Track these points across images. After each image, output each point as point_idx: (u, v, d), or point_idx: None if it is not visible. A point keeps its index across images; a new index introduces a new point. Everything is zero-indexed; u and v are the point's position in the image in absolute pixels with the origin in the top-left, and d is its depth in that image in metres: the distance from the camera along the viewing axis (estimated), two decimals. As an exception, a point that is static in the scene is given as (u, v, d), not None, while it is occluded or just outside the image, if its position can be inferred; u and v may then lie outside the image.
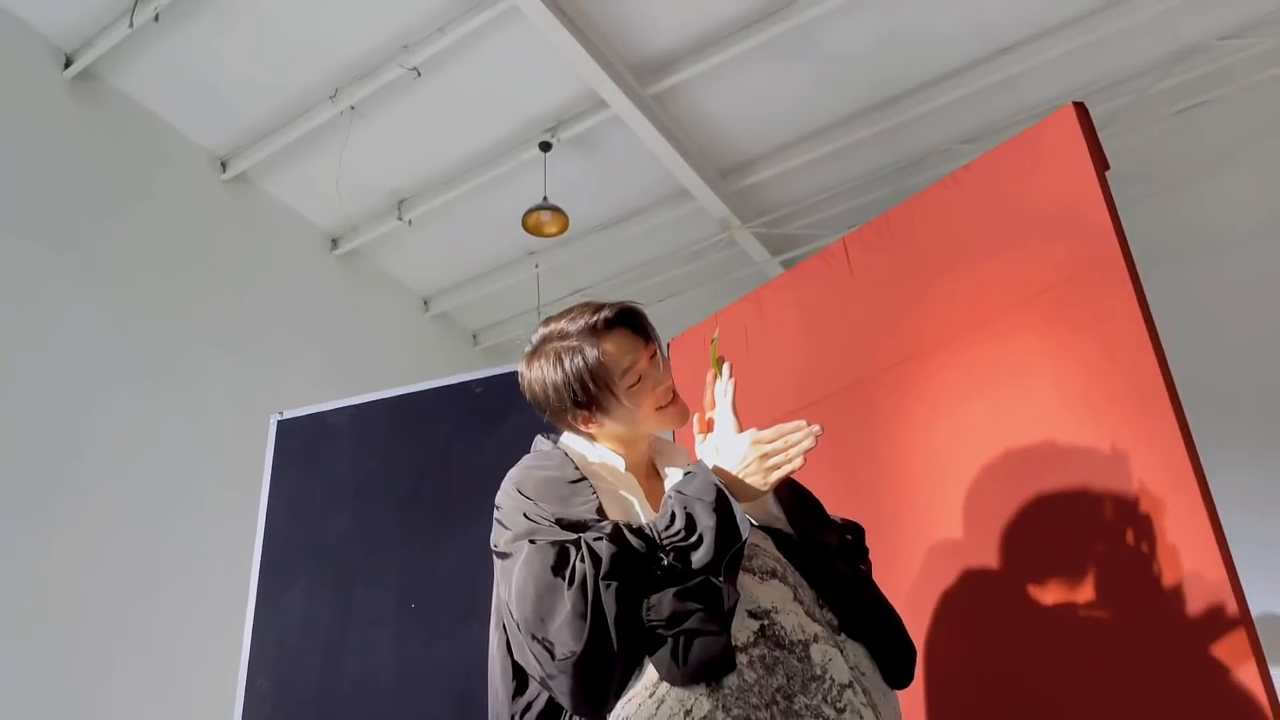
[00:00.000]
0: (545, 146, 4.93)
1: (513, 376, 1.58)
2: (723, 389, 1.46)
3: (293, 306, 5.19)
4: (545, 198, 4.94)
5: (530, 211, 4.89)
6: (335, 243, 5.66)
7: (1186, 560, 1.54)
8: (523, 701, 1.35)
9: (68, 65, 4.32)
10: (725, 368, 1.48)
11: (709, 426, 1.48)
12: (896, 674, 1.38)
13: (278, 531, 2.65)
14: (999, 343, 1.92)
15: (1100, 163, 1.82)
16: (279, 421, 2.76)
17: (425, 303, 6.28)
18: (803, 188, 5.36)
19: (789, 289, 2.39)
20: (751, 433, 1.35)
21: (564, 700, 1.25)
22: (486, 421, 2.48)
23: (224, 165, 5.04)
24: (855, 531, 1.50)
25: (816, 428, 1.31)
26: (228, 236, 4.95)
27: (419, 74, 4.48)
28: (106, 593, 3.76)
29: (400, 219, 5.40)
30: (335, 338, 5.34)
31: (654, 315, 1.53)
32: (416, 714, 2.33)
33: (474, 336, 6.65)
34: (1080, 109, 1.85)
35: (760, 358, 2.35)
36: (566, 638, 1.20)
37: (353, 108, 4.71)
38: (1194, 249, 4.69)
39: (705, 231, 5.58)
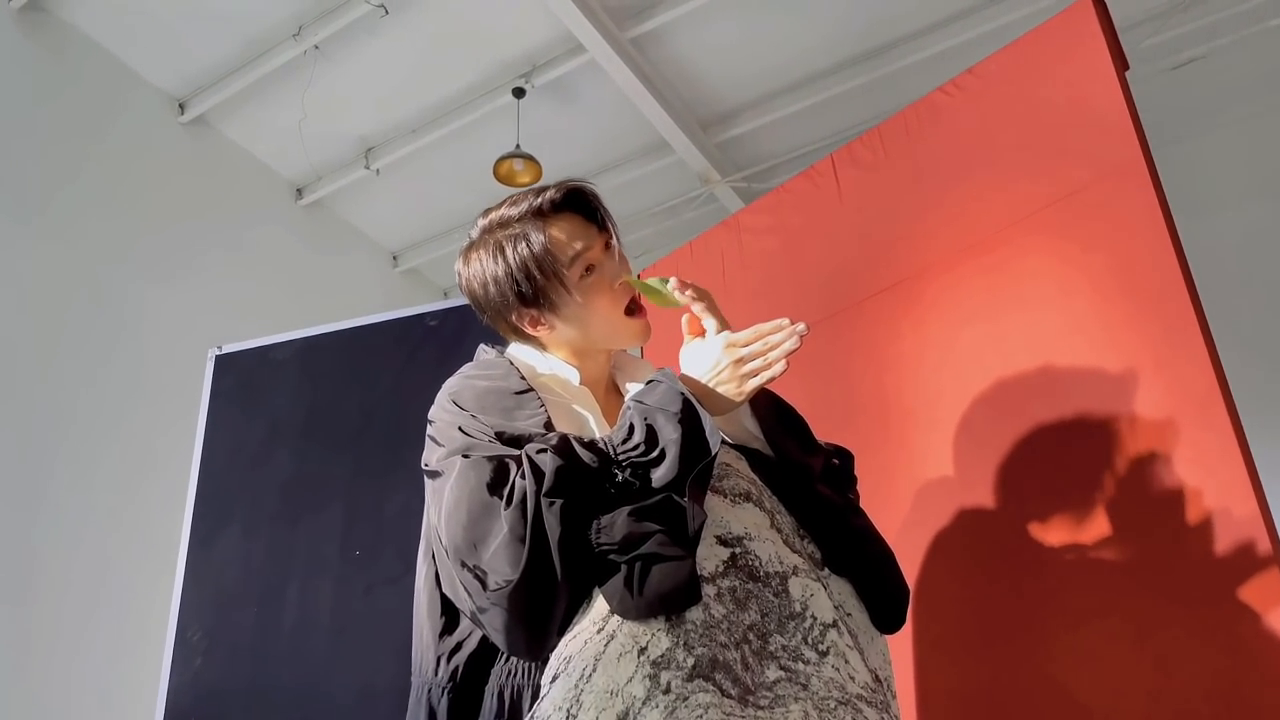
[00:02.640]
0: (519, 93, 4.71)
1: (469, 309, 1.39)
2: (699, 308, 1.23)
3: (256, 259, 4.94)
4: (518, 145, 4.73)
5: (502, 159, 4.68)
6: (300, 192, 5.42)
7: (1211, 494, 1.37)
8: (451, 641, 1.17)
9: (13, -4, 4.05)
10: (686, 295, 1.22)
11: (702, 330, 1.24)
12: (886, 615, 1.19)
13: (213, 473, 2.46)
14: (1000, 262, 1.74)
15: (1120, 62, 1.63)
16: (217, 357, 2.56)
17: (394, 258, 6.05)
18: (786, 141, 5.16)
19: (770, 212, 2.20)
20: (725, 335, 1.16)
21: (497, 637, 1.06)
22: (441, 357, 2.28)
23: (182, 107, 4.79)
24: (843, 456, 1.31)
25: (801, 326, 1.12)
26: (186, 183, 4.69)
27: (386, 11, 4.24)
28: (31, 539, 3.51)
29: (367, 168, 5.16)
30: (301, 294, 5.10)
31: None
32: (358, 667, 2.15)
33: (445, 294, 6.43)
34: (1098, 1, 1.67)
35: (738, 288, 2.16)
36: (501, 564, 1.02)
37: (317, 47, 4.46)
38: (1191, 208, 4.53)
39: (684, 186, 5.38)
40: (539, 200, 1.24)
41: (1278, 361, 4.15)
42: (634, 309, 1.29)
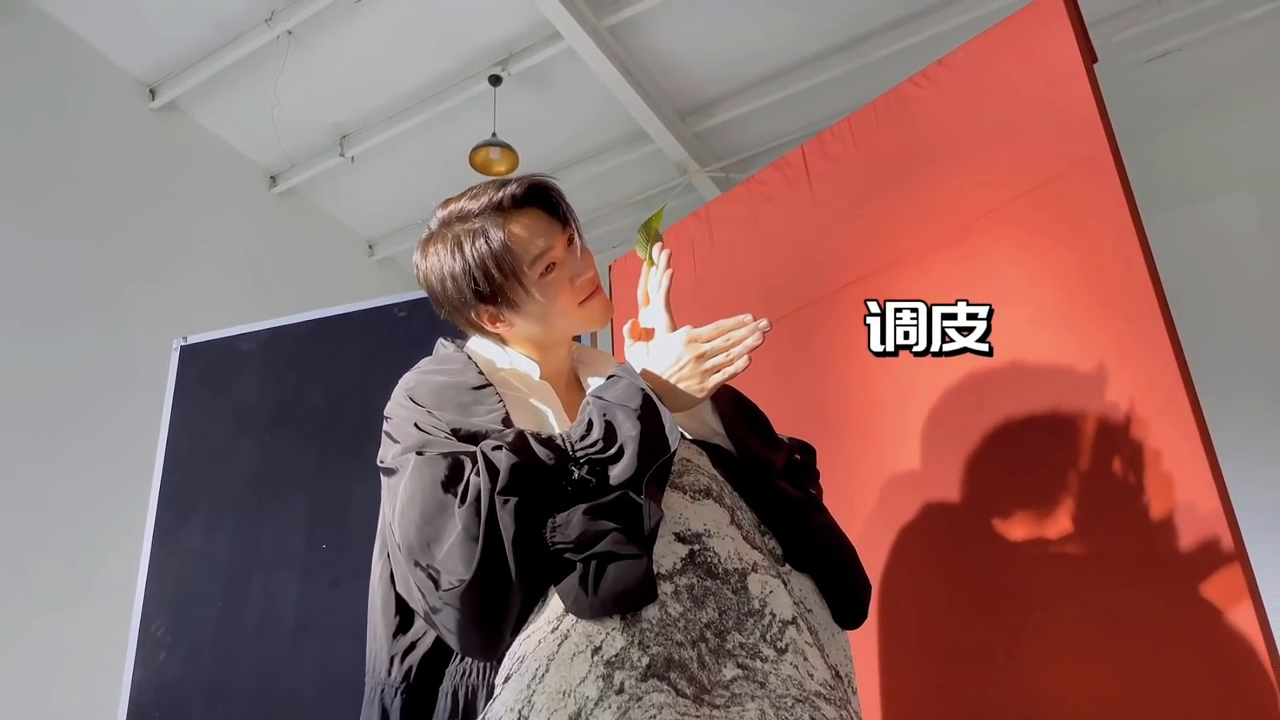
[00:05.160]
0: (495, 80, 4.67)
1: (439, 299, 1.35)
2: (656, 281, 1.24)
3: (229, 248, 4.88)
4: (494, 134, 4.69)
5: (478, 148, 4.64)
6: (274, 180, 5.35)
7: (1174, 489, 1.37)
8: (405, 641, 1.15)
9: (-23, -20, 3.98)
10: (662, 256, 1.24)
11: (645, 334, 1.24)
12: (847, 611, 1.18)
13: (178, 465, 2.43)
14: (969, 255, 1.74)
15: (1088, 54, 1.63)
16: (182, 347, 2.52)
17: (370, 246, 6.00)
18: (765, 131, 5.14)
19: (741, 203, 2.18)
20: (686, 330, 1.14)
21: (450, 638, 1.05)
22: (409, 348, 2.24)
23: (153, 93, 4.71)
24: (805, 451, 1.30)
25: (763, 322, 1.10)
26: (158, 170, 4.62)
27: (361, -4, 4.19)
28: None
29: (342, 155, 5.11)
30: (275, 283, 5.04)
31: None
32: (323, 662, 2.13)
33: (421, 284, 6.39)
34: (1067, -8, 1.66)
35: (708, 279, 2.14)
36: (455, 563, 1.00)
37: (290, 33, 4.40)
38: (1162, 201, 4.54)
39: (661, 176, 5.35)
40: (500, 195, 1.21)
41: (1243, 357, 4.18)
42: (593, 296, 1.27)
